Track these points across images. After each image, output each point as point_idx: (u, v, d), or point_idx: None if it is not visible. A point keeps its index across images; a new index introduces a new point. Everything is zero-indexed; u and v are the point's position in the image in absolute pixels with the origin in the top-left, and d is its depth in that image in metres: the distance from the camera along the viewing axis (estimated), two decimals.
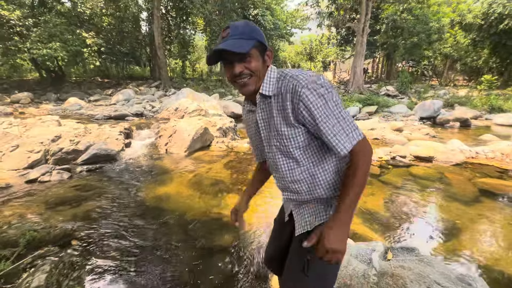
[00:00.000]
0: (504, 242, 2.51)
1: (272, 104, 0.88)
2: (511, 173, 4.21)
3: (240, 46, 0.80)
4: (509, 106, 10.61)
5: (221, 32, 0.87)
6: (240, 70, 0.84)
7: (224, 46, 0.80)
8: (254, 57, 0.85)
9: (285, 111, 0.84)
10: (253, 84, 0.87)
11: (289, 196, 1.01)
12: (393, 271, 1.33)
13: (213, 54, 0.84)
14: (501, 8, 14.17)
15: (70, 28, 13.14)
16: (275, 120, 0.87)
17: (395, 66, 21.50)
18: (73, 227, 2.62)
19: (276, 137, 0.89)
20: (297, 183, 0.94)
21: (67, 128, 5.13)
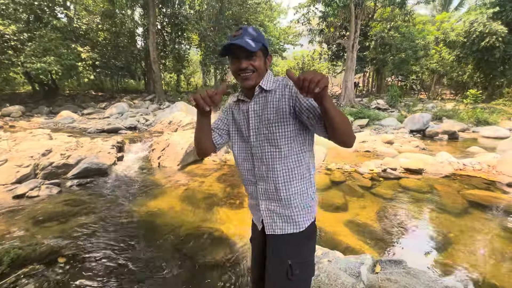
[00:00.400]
0: (492, 254, 2.55)
1: (268, 97, 1.02)
2: (498, 185, 4.32)
3: (251, 45, 0.94)
4: (494, 119, 10.99)
5: (234, 32, 1.00)
6: (246, 65, 0.98)
7: (239, 42, 0.94)
8: (259, 57, 1.00)
9: (280, 101, 0.99)
10: (253, 79, 1.01)
11: (263, 186, 1.06)
12: (380, 284, 1.35)
13: (226, 48, 0.97)
14: (482, 27, 14.95)
15: (65, 43, 13.25)
16: (269, 110, 1.00)
17: (384, 81, 22.17)
18: (60, 244, 2.55)
19: (266, 125, 1.01)
20: (275, 172, 1.02)
21: (58, 142, 5.08)
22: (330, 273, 1.47)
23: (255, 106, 1.05)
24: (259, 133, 1.03)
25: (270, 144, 1.01)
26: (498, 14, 15.34)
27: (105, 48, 16.72)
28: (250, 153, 1.08)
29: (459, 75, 19.16)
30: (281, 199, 1.04)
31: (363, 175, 4.76)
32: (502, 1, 15.19)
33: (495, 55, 15.24)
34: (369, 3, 15.14)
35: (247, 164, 1.11)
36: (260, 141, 1.03)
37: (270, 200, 1.07)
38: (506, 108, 13.36)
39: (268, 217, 1.08)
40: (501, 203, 3.66)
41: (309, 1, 14.26)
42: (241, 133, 1.11)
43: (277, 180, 1.03)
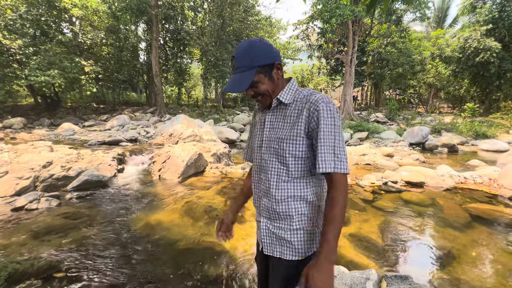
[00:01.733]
0: (496, 269, 2.51)
1: (285, 110, 0.98)
2: (500, 198, 4.30)
3: (240, 85, 0.92)
4: (492, 133, 11.07)
5: (231, 60, 1.00)
6: (251, 94, 0.99)
7: (228, 89, 0.95)
8: (260, 82, 0.95)
9: (298, 117, 0.93)
10: (266, 100, 1.01)
11: (265, 203, 1.00)
12: None
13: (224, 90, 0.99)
14: (476, 43, 15.40)
15: (70, 56, 13.55)
16: (284, 125, 0.97)
17: (383, 94, 22.52)
18: (59, 258, 2.51)
19: (277, 140, 0.96)
20: (279, 190, 0.96)
21: (59, 154, 5.09)
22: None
23: (272, 117, 1.02)
24: (270, 146, 0.99)
25: (279, 160, 0.96)
26: (491, 31, 15.83)
27: (108, 62, 17.07)
28: (259, 165, 1.04)
29: (456, 89, 19.50)
30: (282, 220, 0.97)
31: (364, 188, 4.74)
32: (495, 19, 15.72)
33: (490, 70, 15.59)
34: (366, 20, 15.64)
35: (256, 176, 1.07)
36: (269, 155, 0.99)
37: (271, 220, 1.00)
38: (504, 121, 13.50)
39: (267, 236, 1.01)
40: (504, 217, 3.63)
41: (308, 18, 14.73)
42: (254, 143, 1.10)
43: (280, 198, 0.96)
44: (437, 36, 19.64)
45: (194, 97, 26.61)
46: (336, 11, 11.37)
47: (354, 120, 13.76)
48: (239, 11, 18.50)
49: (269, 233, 1.00)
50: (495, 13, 15.68)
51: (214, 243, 2.88)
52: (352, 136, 10.81)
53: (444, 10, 24.31)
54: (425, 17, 14.78)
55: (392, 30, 15.96)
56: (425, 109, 21.08)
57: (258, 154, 1.05)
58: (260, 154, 1.03)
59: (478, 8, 16.59)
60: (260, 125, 1.07)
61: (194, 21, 18.99)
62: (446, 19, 24.64)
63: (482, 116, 15.20)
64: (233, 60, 0.96)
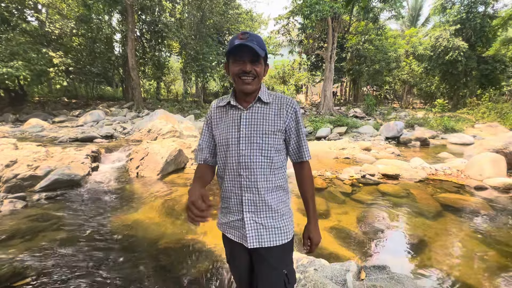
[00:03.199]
0: (465, 254, 2.68)
1: (264, 109, 1.05)
2: (466, 188, 4.61)
3: (259, 50, 0.97)
4: (460, 127, 11.84)
5: (239, 34, 1.00)
6: (250, 69, 0.99)
7: (251, 44, 0.96)
8: (261, 64, 1.03)
9: (277, 115, 1.05)
10: (253, 85, 1.03)
11: (249, 198, 1.03)
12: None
13: (233, 48, 0.97)
14: (446, 42, 16.29)
15: (36, 47, 12.55)
16: (266, 122, 1.04)
17: (361, 90, 23.23)
18: (25, 264, 2.32)
19: (261, 135, 1.02)
20: (266, 182, 1.04)
21: (25, 152, 4.72)
22: (316, 282, 1.45)
23: (249, 115, 1.05)
24: (251, 141, 1.02)
25: (262, 154, 1.02)
26: (459, 31, 16.80)
27: (80, 54, 16.06)
28: (237, 162, 1.03)
29: (428, 86, 20.57)
30: (271, 209, 1.04)
31: (344, 181, 4.87)
32: (462, 19, 16.68)
33: (458, 68, 16.58)
34: (345, 17, 15.94)
35: (232, 173, 1.05)
36: (251, 150, 1.02)
37: (258, 212, 1.03)
38: (469, 116, 14.47)
39: (254, 230, 1.02)
40: (470, 205, 3.90)
41: (289, 13, 14.73)
42: (227, 141, 1.06)
43: (267, 190, 1.03)
44: (410, 35, 20.52)
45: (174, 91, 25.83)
46: (315, 7, 11.46)
47: (334, 115, 14.08)
48: (219, 3, 18.07)
49: (256, 226, 1.03)
50: (463, 14, 16.64)
51: (195, 240, 2.82)
52: (332, 130, 11.07)
53: (417, 10, 25.40)
54: (400, 15, 15.33)
55: (369, 27, 16.41)
56: (400, 105, 22.07)
57: (234, 151, 1.04)
58: (238, 151, 1.03)
59: (448, 9, 17.51)
60: (233, 122, 1.07)
61: (173, 12, 18.29)
62: (419, 18, 25.78)
63: (450, 111, 16.18)
64: (245, 34, 1.00)
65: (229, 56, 1.02)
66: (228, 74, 1.07)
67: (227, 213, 1.10)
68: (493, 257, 2.60)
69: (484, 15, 16.60)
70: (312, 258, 1.85)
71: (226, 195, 1.09)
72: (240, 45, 0.96)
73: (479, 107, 15.04)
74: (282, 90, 25.35)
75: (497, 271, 2.38)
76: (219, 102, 1.13)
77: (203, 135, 1.17)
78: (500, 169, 4.93)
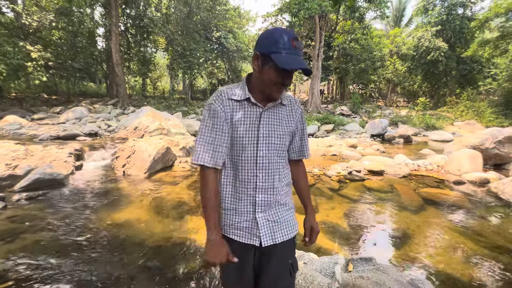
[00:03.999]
0: (445, 245, 2.83)
1: (282, 111, 1.06)
2: (446, 183, 4.84)
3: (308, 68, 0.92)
4: (440, 125, 12.35)
5: (292, 40, 0.89)
6: (289, 83, 0.98)
7: (303, 62, 0.92)
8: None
9: (291, 117, 1.07)
10: (281, 94, 1.01)
11: (263, 198, 1.01)
12: (354, 282, 1.41)
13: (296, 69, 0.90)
14: (428, 43, 16.90)
15: (12, 40, 11.90)
16: (282, 122, 1.05)
17: (347, 88, 23.70)
18: (5, 267, 2.23)
19: (278, 136, 1.03)
20: (281, 181, 1.06)
21: (3, 150, 4.49)
22: (306, 275, 1.49)
23: (268, 115, 1.01)
24: (270, 142, 1.00)
25: (278, 155, 1.04)
26: (440, 32, 17.44)
27: (60, 48, 15.35)
28: (253, 163, 0.99)
29: (411, 85, 21.28)
30: (282, 206, 1.07)
31: (331, 178, 4.98)
32: (443, 21, 17.32)
33: (439, 68, 17.24)
34: (332, 16, 16.15)
35: (246, 175, 1.00)
36: (269, 151, 1.00)
37: (270, 211, 1.03)
38: (449, 114, 15.12)
39: (267, 228, 1.02)
40: (450, 199, 4.10)
41: (277, 11, 14.76)
42: (242, 140, 0.99)
43: (281, 189, 1.06)
44: (394, 35, 21.09)
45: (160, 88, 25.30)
46: (304, 4, 11.54)
47: (321, 113, 14.30)
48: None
49: (269, 224, 1.03)
50: (443, 16, 17.27)
51: (185, 238, 2.81)
52: (319, 128, 11.24)
53: (401, 10, 26.10)
54: (384, 15, 15.71)
55: (355, 26, 16.73)
56: (385, 103, 22.71)
57: (251, 151, 0.99)
58: (256, 151, 0.99)
59: (430, 10, 18.12)
60: (251, 120, 0.99)
61: (159, 7, 17.87)
62: (403, 18, 26.50)
63: (432, 109, 16.82)
64: (298, 42, 0.91)
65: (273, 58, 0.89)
66: (258, 68, 0.94)
67: (233, 215, 1.03)
68: (470, 246, 2.76)
69: (463, 17, 17.32)
70: (301, 252, 1.90)
71: (235, 196, 1.03)
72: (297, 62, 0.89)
73: (458, 105, 15.73)
74: None
75: (474, 260, 2.53)
76: (231, 94, 0.99)
77: (216, 130, 0.97)
78: (477, 164, 5.20)
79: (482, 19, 14.33)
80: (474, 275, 2.31)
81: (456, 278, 2.27)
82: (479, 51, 14.97)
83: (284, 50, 0.88)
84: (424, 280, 1.48)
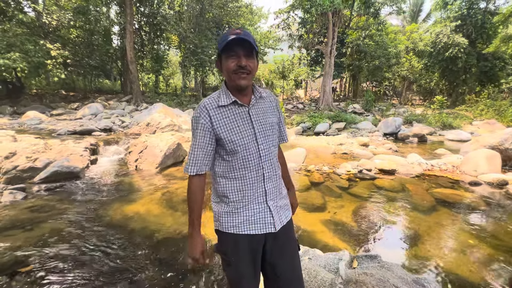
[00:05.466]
0: (457, 247, 2.75)
1: (263, 104, 1.14)
2: (461, 184, 4.67)
3: (254, 43, 1.00)
4: (457, 124, 11.89)
5: (232, 30, 1.01)
6: (245, 64, 1.00)
7: (248, 38, 0.98)
8: (255, 60, 1.05)
9: (272, 107, 1.17)
10: (249, 81, 1.04)
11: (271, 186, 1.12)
12: (357, 278, 1.40)
13: (227, 43, 0.98)
14: (446, 39, 16.23)
15: (33, 39, 12.41)
16: (268, 114, 1.13)
17: (360, 86, 23.19)
18: (26, 253, 2.37)
19: (270, 128, 1.12)
20: (279, 167, 1.18)
21: (24, 144, 4.73)
22: (310, 270, 1.50)
23: (255, 111, 1.10)
24: (266, 135, 1.10)
25: (273, 144, 1.14)
26: (460, 27, 16.71)
27: (78, 46, 15.87)
28: (258, 157, 1.07)
29: (427, 82, 20.55)
30: (282, 190, 1.19)
31: (341, 176, 4.92)
32: (463, 15, 16.58)
33: (457, 65, 16.55)
34: (345, 11, 15.81)
35: (255, 170, 1.07)
36: (267, 143, 1.10)
37: (276, 197, 1.14)
38: (468, 113, 14.52)
39: (277, 213, 1.12)
40: (464, 200, 3.96)
41: (289, 7, 14.59)
42: (243, 139, 1.05)
43: (279, 175, 1.18)
44: (411, 30, 20.38)
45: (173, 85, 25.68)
46: (316, 1, 11.36)
47: (333, 110, 14.09)
48: None
49: (277, 209, 1.14)
50: (464, 10, 16.52)
51: None
52: (330, 126, 11.10)
53: (418, 5, 25.20)
54: (401, 11, 15.23)
55: (370, 22, 16.31)
56: (399, 101, 22.07)
57: (254, 147, 1.07)
58: (257, 146, 1.07)
59: (449, 5, 17.38)
60: (243, 120, 1.07)
61: (172, 5, 18.08)
62: (420, 14, 25.59)
63: (449, 108, 16.21)
64: (238, 30, 1.01)
65: (223, 51, 1.02)
66: (220, 70, 1.08)
67: (245, 211, 1.08)
68: (484, 249, 2.67)
69: (485, 11, 16.50)
70: (306, 248, 1.91)
71: (246, 194, 1.08)
72: (235, 39, 0.96)
73: (478, 104, 15.07)
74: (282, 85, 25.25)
75: (487, 263, 2.45)
76: (218, 102, 1.05)
77: (198, 143, 1.05)
78: (495, 165, 4.99)
79: (506, 13, 13.61)
80: (486, 279, 2.24)
81: (467, 281, 2.21)
82: (502, 47, 14.25)
83: (227, 39, 0.98)
84: (430, 280, 1.46)
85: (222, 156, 1.08)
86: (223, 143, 1.05)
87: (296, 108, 16.67)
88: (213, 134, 1.04)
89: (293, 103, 18.73)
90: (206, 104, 1.05)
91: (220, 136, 1.04)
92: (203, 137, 1.04)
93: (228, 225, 1.08)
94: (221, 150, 1.08)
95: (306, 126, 11.35)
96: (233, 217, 1.09)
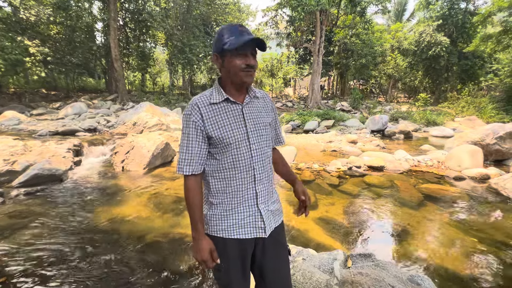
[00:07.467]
0: (445, 241, 2.82)
1: (258, 103, 1.12)
2: (446, 179, 4.82)
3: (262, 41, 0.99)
4: (441, 120, 12.29)
5: (238, 26, 1.00)
6: (254, 63, 1.00)
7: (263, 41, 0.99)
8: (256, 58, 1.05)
9: (267, 108, 1.15)
10: (253, 78, 1.04)
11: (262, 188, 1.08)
12: (353, 278, 1.39)
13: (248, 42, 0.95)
14: (429, 38, 16.73)
15: (9, 35, 11.79)
16: (262, 114, 1.11)
17: (348, 84, 23.57)
18: (4, 262, 2.23)
19: (264, 128, 1.09)
20: (271, 169, 1.15)
21: (1, 146, 4.47)
22: (305, 271, 1.48)
23: (249, 109, 1.08)
24: (259, 135, 1.07)
25: (267, 145, 1.11)
26: (442, 26, 17.26)
27: (59, 43, 15.24)
28: (249, 157, 1.03)
29: (412, 80, 21.15)
30: (273, 194, 1.16)
31: (331, 174, 4.96)
32: (445, 15, 17.12)
33: (440, 63, 17.10)
34: (333, 10, 15.97)
35: (245, 170, 1.03)
36: (260, 143, 1.07)
37: (268, 200, 1.11)
38: (450, 110, 15.03)
39: (267, 218, 1.09)
40: (450, 195, 4.08)
41: (277, 5, 14.58)
42: (235, 138, 1.02)
43: (271, 177, 1.14)
44: (396, 29, 20.88)
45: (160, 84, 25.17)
46: (302, 0, 11.38)
47: (322, 108, 14.23)
48: None
49: (268, 214, 1.10)
50: (445, 10, 17.06)
51: (183, 234, 2.80)
52: (319, 124, 11.19)
53: (402, 5, 25.81)
54: (386, 10, 15.54)
55: (356, 21, 16.55)
56: (385, 99, 22.60)
57: (245, 146, 1.03)
58: (249, 145, 1.04)
59: (432, 5, 17.90)
60: (236, 118, 1.04)
61: (158, 1, 17.66)
62: (404, 13, 26.23)
63: (432, 105, 16.73)
64: (243, 27, 1.00)
65: (235, 49, 0.96)
66: (220, 66, 1.02)
67: (234, 214, 1.05)
68: (470, 242, 2.75)
69: (465, 11, 17.11)
70: (300, 248, 1.89)
71: (235, 196, 1.04)
72: (253, 40, 0.96)
73: (459, 101, 15.63)
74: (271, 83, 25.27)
75: (473, 255, 2.52)
76: (209, 99, 1.02)
77: (191, 142, 1.01)
78: (477, 160, 5.17)
79: (485, 13, 14.12)
80: (473, 270, 2.30)
81: (456, 274, 2.26)
82: (481, 46, 14.81)
83: (232, 37, 0.96)
84: (424, 277, 1.47)
85: (212, 154, 1.05)
86: (213, 141, 1.02)
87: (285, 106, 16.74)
88: (205, 131, 1.01)
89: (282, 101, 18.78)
90: (197, 101, 1.02)
91: (211, 134, 1.00)
92: (196, 135, 1.01)
93: (216, 229, 1.05)
94: (211, 147, 1.04)
95: (295, 124, 11.40)
96: (222, 221, 1.05)
